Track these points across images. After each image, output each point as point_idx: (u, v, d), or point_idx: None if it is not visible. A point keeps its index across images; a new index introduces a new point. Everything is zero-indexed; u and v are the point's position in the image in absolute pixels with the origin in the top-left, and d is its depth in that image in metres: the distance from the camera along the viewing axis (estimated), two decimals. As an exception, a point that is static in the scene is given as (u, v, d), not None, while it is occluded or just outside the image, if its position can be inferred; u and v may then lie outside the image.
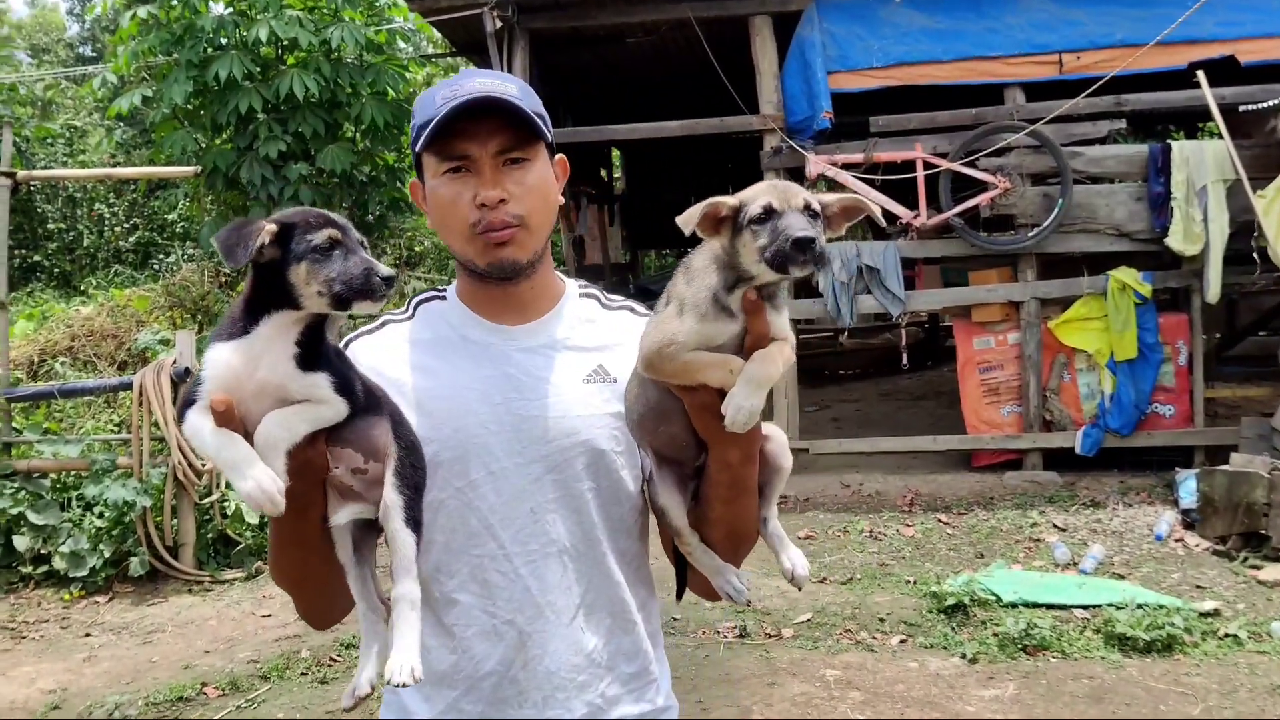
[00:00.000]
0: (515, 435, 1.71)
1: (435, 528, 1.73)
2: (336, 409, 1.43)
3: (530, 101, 1.74)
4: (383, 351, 1.78)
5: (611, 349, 1.82)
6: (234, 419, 1.37)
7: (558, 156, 1.85)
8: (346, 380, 1.46)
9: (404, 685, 1.42)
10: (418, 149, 1.74)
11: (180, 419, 1.41)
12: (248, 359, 1.40)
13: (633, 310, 1.91)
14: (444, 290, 1.90)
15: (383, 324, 1.87)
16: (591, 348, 1.82)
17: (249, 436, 1.37)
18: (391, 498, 1.47)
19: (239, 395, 1.38)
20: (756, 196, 1.44)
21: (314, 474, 1.46)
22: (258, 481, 1.33)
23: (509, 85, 1.72)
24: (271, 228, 1.40)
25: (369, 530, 1.58)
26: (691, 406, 1.49)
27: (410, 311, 1.88)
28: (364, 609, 1.57)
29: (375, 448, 1.50)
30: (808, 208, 1.43)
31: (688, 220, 1.45)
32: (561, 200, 1.86)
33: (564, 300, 1.87)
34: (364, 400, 1.50)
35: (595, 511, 1.76)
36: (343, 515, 1.52)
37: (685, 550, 1.65)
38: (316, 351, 1.44)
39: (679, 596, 1.82)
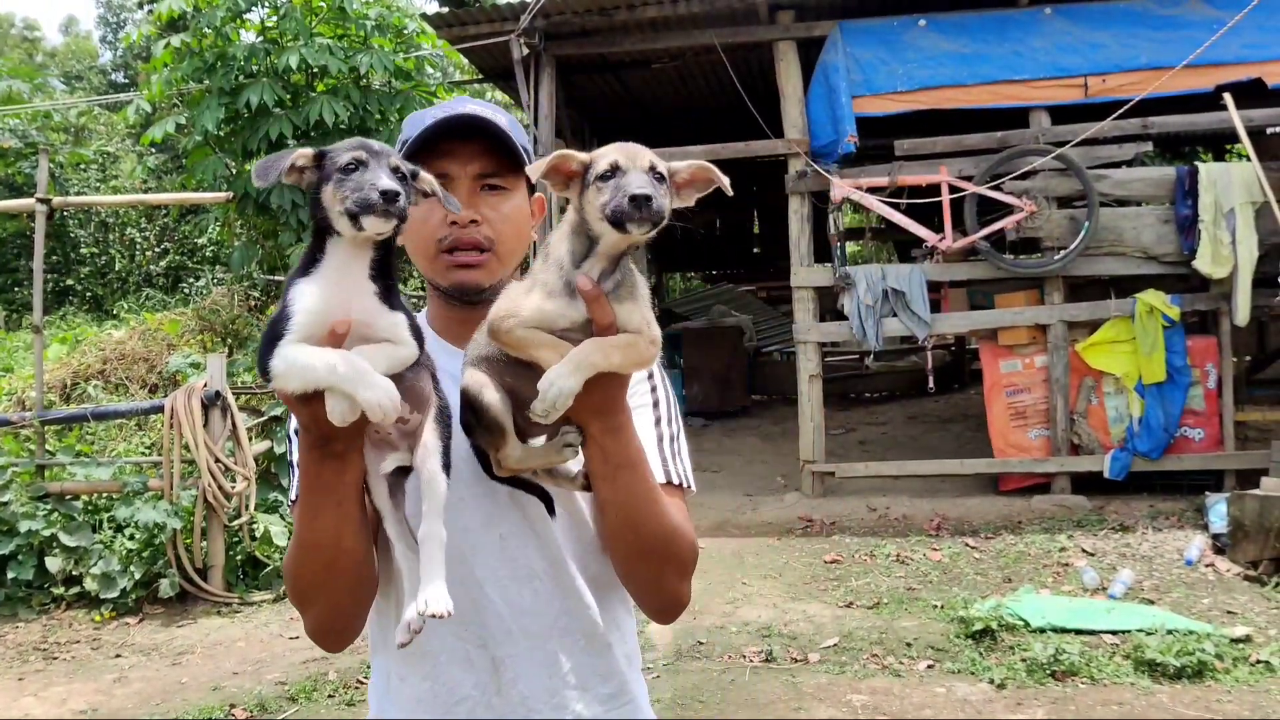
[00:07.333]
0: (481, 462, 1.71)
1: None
2: (410, 352, 1.46)
3: (518, 135, 1.78)
4: None
5: None
6: (340, 344, 1.39)
7: (535, 196, 1.87)
8: (417, 325, 1.48)
9: (439, 616, 1.44)
10: None
11: (267, 357, 1.40)
12: (329, 292, 1.42)
13: None
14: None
15: None
16: None
17: None
18: (431, 441, 1.50)
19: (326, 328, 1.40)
20: (605, 155, 1.46)
21: (359, 421, 1.45)
22: (385, 390, 1.36)
23: (499, 116, 1.76)
24: (308, 151, 1.44)
25: (400, 478, 1.59)
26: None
27: None
28: (402, 549, 1.58)
29: (420, 399, 1.53)
30: (653, 169, 1.45)
31: (536, 169, 1.48)
32: (535, 236, 1.88)
33: None
34: None
35: (559, 536, 1.76)
36: (389, 463, 1.54)
37: (512, 458, 1.58)
38: (394, 289, 1.46)
39: (551, 513, 1.72)
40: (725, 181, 1.52)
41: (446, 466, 1.52)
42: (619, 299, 1.46)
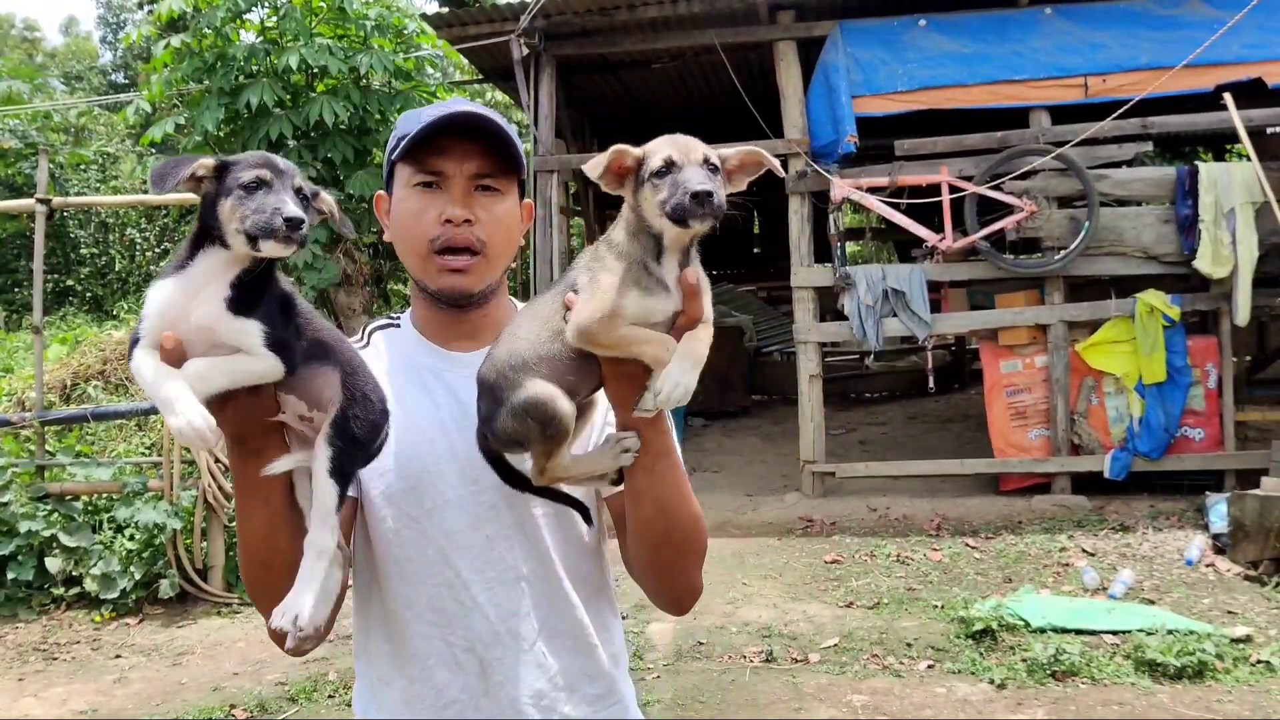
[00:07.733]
0: (468, 463, 1.70)
1: (391, 558, 1.74)
2: (265, 364, 1.41)
3: (514, 138, 1.78)
4: None
5: None
6: (181, 356, 1.37)
7: (525, 201, 1.87)
8: (282, 336, 1.44)
9: (282, 631, 1.42)
10: (394, 158, 1.77)
11: (129, 356, 1.40)
12: (184, 297, 1.40)
13: None
14: (398, 318, 1.93)
15: None
16: None
17: None
18: (321, 447, 1.48)
19: (179, 332, 1.38)
20: (658, 150, 1.46)
21: (259, 420, 1.46)
22: (188, 418, 1.31)
23: (497, 118, 1.75)
24: (209, 162, 1.42)
25: None
26: (614, 375, 1.49)
27: (365, 340, 1.89)
28: None
29: (318, 398, 1.51)
30: (707, 161, 1.46)
31: (594, 167, 1.47)
32: (523, 241, 1.89)
33: None
34: (313, 350, 1.50)
35: (548, 536, 1.76)
36: (281, 464, 1.51)
37: (560, 466, 1.55)
38: (254, 299, 1.42)
39: (589, 522, 1.77)
40: (776, 164, 1.53)
41: (338, 473, 1.49)
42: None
